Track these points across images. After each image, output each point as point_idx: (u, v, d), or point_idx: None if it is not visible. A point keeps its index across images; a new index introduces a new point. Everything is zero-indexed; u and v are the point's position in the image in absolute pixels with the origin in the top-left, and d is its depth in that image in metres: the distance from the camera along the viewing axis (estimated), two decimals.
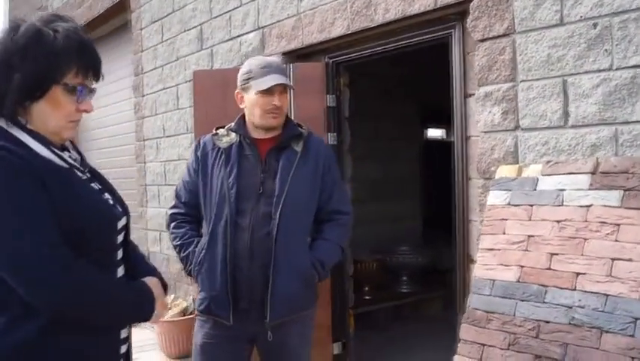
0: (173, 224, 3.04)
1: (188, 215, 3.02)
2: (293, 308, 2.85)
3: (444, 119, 4.88)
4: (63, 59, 1.69)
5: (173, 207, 3.08)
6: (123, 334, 1.89)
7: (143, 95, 7.06)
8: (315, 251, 2.91)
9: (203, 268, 2.86)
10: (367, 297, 6.51)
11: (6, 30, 1.70)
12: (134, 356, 5.68)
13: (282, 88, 2.91)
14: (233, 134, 2.96)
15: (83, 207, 1.72)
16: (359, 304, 5.94)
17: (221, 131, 3.02)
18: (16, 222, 1.57)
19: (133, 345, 5.66)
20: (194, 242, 2.95)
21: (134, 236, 6.70)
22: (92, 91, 1.82)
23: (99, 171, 2.03)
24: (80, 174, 1.82)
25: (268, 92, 2.86)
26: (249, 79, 2.90)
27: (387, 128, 7.89)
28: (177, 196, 3.08)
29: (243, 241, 2.80)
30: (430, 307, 6.73)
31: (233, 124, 3.00)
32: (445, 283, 6.34)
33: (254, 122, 2.94)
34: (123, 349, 1.90)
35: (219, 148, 2.93)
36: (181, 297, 6.01)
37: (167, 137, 6.54)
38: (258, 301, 2.80)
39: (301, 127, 3.03)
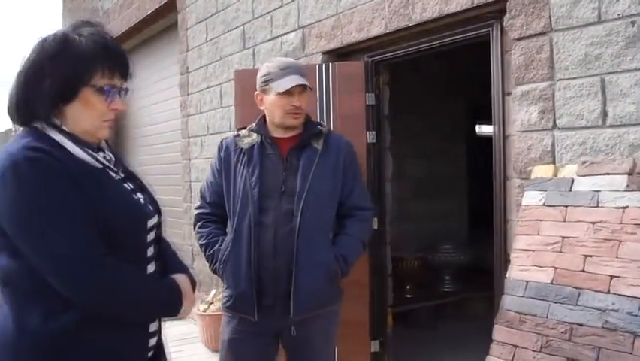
0: (198, 224, 3.11)
1: (213, 215, 3.09)
2: (316, 304, 2.90)
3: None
4: (89, 61, 1.77)
5: (199, 207, 3.16)
6: (152, 328, 1.95)
7: (189, 94, 7.17)
8: (338, 247, 2.96)
9: (228, 266, 2.93)
10: (408, 296, 6.49)
11: (39, 40, 1.79)
12: (179, 348, 5.84)
13: (302, 88, 2.96)
14: (254, 135, 3.02)
15: (114, 207, 1.78)
16: (400, 303, 5.95)
17: (242, 132, 3.09)
18: (53, 222, 1.64)
19: (177, 338, 5.81)
20: (219, 241, 3.01)
21: (179, 231, 6.83)
22: (122, 90, 1.88)
23: (134, 170, 2.09)
24: (113, 174, 1.88)
25: (288, 93, 2.91)
26: (268, 81, 2.96)
27: (435, 125, 7.83)
28: (202, 196, 3.15)
29: (266, 238, 2.86)
30: (473, 307, 6.66)
31: (254, 125, 3.06)
32: (490, 283, 6.27)
33: (274, 123, 2.99)
34: (152, 342, 1.96)
35: (242, 149, 3.00)
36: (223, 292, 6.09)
37: (211, 134, 6.63)
38: (282, 297, 2.85)
39: (321, 125, 3.08)
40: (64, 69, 1.74)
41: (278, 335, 2.97)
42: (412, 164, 7.57)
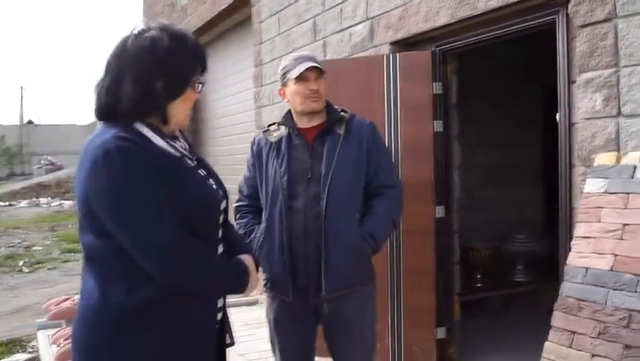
0: (237, 215, 3.31)
1: (250, 206, 3.29)
2: (346, 282, 3.04)
3: None
4: (194, 62, 2.01)
5: (238, 200, 3.35)
6: (219, 303, 2.14)
7: (262, 85, 7.34)
8: (365, 225, 3.08)
9: (263, 251, 3.11)
10: (478, 285, 6.48)
11: (139, 41, 1.95)
12: (250, 332, 5.99)
13: (317, 74, 3.11)
14: (282, 128, 3.20)
15: (192, 193, 1.96)
16: (469, 292, 5.95)
17: (272, 127, 3.27)
18: (140, 206, 1.83)
19: (248, 322, 6.03)
20: (255, 229, 3.20)
21: None
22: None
23: (205, 157, 2.27)
24: (189, 161, 2.07)
25: (303, 78, 3.08)
26: (285, 73, 3.16)
27: (508, 113, 7.73)
28: (240, 190, 3.36)
29: (297, 222, 3.04)
30: (545, 298, 6.56)
31: (281, 119, 3.24)
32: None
33: (297, 111, 3.16)
34: (219, 316, 2.15)
35: (271, 142, 3.18)
36: None
37: None
38: (314, 276, 3.03)
39: (345, 111, 3.21)
40: (177, 70, 1.95)
41: (316, 313, 3.13)
42: (484, 153, 7.51)
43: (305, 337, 3.20)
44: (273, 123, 3.31)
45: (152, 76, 1.91)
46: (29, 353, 6.27)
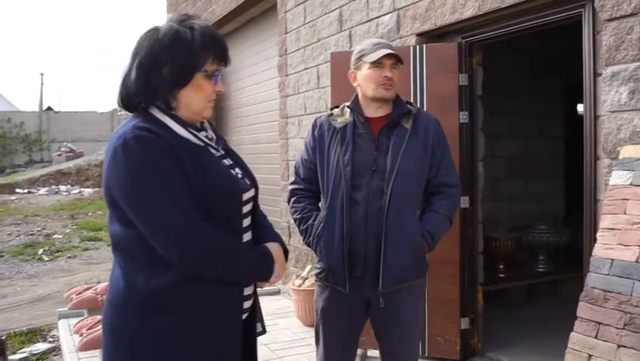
0: (293, 199, 3.29)
1: (307, 190, 3.26)
2: (404, 277, 3.02)
3: None
4: (201, 50, 2.02)
5: (293, 182, 3.33)
6: (247, 291, 2.17)
7: (287, 75, 7.40)
8: (425, 223, 3.07)
9: (322, 240, 3.09)
10: (502, 275, 6.53)
11: (149, 33, 2.04)
12: (274, 322, 6.10)
13: (393, 63, 3.09)
14: (347, 115, 3.15)
15: (213, 180, 2.02)
16: (492, 282, 6.00)
17: (336, 111, 3.23)
18: (156, 192, 1.90)
19: (272, 312, 6.10)
20: (313, 216, 3.18)
21: (276, 208, 7.11)
22: (221, 74, 2.14)
23: (233, 148, 2.33)
24: (213, 151, 2.13)
25: (379, 65, 3.06)
26: (361, 57, 3.11)
27: (532, 105, 7.77)
28: (297, 173, 3.32)
29: (358, 214, 3.01)
30: (568, 288, 6.61)
31: (349, 103, 3.20)
32: None
33: (367, 96, 3.12)
34: (247, 304, 2.19)
35: (335, 128, 3.14)
36: None
37: (308, 114, 6.84)
38: (372, 269, 3.00)
39: (411, 105, 3.18)
40: (181, 58, 1.99)
41: (367, 306, 3.12)
42: (507, 144, 7.54)
43: (353, 329, 3.18)
44: (336, 107, 3.27)
45: (156, 64, 1.98)
46: (49, 342, 6.35)
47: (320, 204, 3.24)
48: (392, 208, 2.97)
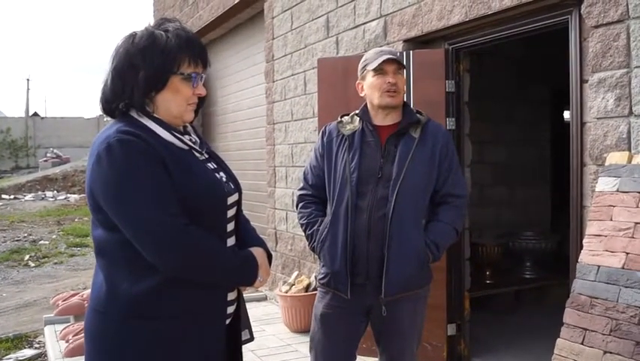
0: (300, 204, 3.30)
1: (314, 196, 3.26)
2: (406, 286, 3.01)
3: None
4: (176, 53, 2.01)
5: (301, 188, 3.34)
6: (230, 296, 2.16)
7: (274, 81, 7.39)
8: (430, 233, 3.05)
9: (325, 246, 3.09)
10: (488, 281, 6.54)
11: (126, 37, 2.04)
12: (260, 328, 6.06)
13: (396, 68, 3.08)
14: (356, 122, 3.16)
15: (196, 184, 2.01)
16: (479, 288, 6.00)
17: (345, 118, 3.23)
18: (140, 195, 1.88)
19: (259, 318, 6.06)
20: (319, 221, 3.19)
21: (263, 214, 7.11)
22: (202, 78, 2.12)
23: (217, 152, 2.32)
24: (197, 154, 2.12)
25: (382, 72, 3.06)
26: (365, 66, 3.13)
27: (518, 111, 7.81)
28: (305, 179, 3.32)
29: (361, 221, 3.01)
30: (553, 294, 6.63)
31: (358, 110, 3.20)
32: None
33: (374, 104, 3.12)
34: (230, 310, 2.17)
35: (343, 135, 3.14)
36: (305, 274, 6.31)
37: (295, 120, 6.83)
38: (374, 277, 2.99)
39: (420, 114, 3.17)
40: (155, 61, 1.97)
41: (368, 313, 3.11)
42: (493, 150, 7.56)
43: (352, 336, 3.16)
44: (346, 114, 3.26)
45: (131, 67, 1.97)
46: (36, 348, 6.28)
47: (327, 211, 3.23)
48: (396, 216, 2.96)
